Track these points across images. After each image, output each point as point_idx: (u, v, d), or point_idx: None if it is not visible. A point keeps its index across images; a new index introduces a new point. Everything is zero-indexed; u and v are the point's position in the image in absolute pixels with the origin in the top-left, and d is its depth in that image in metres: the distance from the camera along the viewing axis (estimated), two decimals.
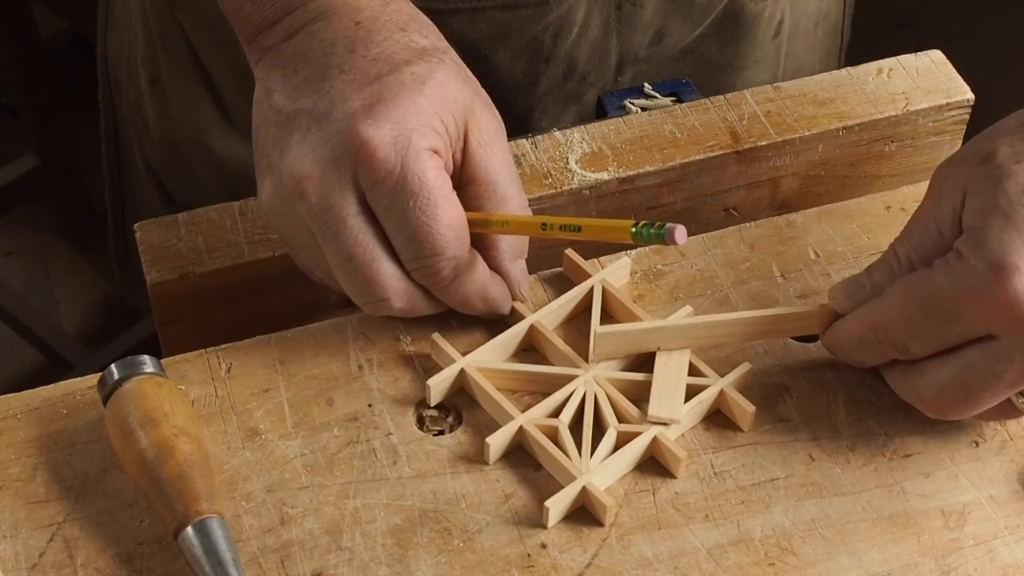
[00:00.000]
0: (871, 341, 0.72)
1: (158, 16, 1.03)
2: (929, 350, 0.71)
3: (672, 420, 0.73)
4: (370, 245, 0.72)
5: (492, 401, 0.74)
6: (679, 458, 0.72)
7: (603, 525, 0.70)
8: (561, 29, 0.96)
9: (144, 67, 1.07)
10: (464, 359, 0.75)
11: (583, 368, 0.75)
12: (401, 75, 0.72)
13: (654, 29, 0.99)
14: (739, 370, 0.75)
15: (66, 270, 2.24)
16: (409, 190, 0.70)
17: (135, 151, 1.13)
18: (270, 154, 0.73)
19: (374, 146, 0.70)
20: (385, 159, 0.70)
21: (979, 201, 0.69)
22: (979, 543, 0.71)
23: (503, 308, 0.77)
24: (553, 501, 0.70)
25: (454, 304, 0.75)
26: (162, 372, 0.73)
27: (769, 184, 0.90)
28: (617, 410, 0.74)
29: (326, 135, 0.71)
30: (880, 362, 0.74)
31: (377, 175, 0.70)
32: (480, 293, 0.75)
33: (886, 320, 0.71)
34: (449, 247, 0.72)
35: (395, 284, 0.73)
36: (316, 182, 0.71)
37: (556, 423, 0.73)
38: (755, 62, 1.06)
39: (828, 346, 0.76)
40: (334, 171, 0.71)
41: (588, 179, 0.85)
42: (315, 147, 0.71)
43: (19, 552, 0.69)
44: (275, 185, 0.73)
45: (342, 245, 0.72)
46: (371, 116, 0.70)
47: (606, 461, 0.72)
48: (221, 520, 0.67)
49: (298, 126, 0.72)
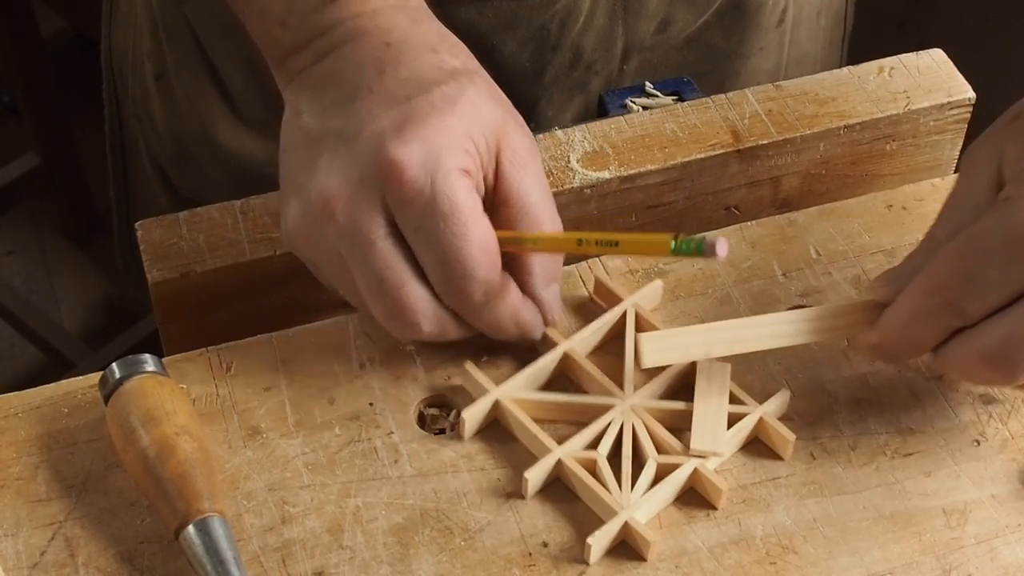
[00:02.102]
0: (926, 311, 0.69)
1: (164, 10, 1.03)
2: (989, 306, 0.68)
3: (715, 454, 0.72)
4: (399, 268, 0.70)
5: (528, 433, 0.73)
6: (720, 490, 0.71)
7: (645, 559, 0.69)
8: (568, 18, 0.96)
9: (150, 61, 1.06)
10: (498, 389, 0.74)
11: (619, 397, 0.74)
12: (431, 96, 0.70)
13: (659, 17, 1.00)
14: (778, 397, 0.74)
15: (67, 269, 2.24)
16: (439, 211, 0.69)
17: (140, 147, 1.13)
18: (298, 176, 0.72)
19: (403, 166, 0.68)
20: (414, 179, 0.69)
21: (1019, 148, 0.68)
22: (980, 542, 0.71)
23: (535, 333, 0.75)
24: (596, 537, 0.69)
25: (485, 329, 0.74)
26: (163, 371, 0.73)
27: (770, 183, 0.90)
28: (656, 441, 0.73)
29: (354, 154, 0.70)
30: (935, 338, 0.70)
31: (406, 196, 0.69)
32: (512, 317, 0.73)
33: (940, 282, 0.68)
34: (480, 269, 0.70)
35: (425, 308, 0.72)
36: (344, 202, 0.70)
37: (595, 455, 0.72)
38: (759, 50, 1.06)
39: (882, 337, 0.72)
40: (362, 191, 0.69)
41: (589, 178, 0.85)
42: (343, 167, 0.70)
43: (20, 551, 0.69)
44: (303, 206, 0.71)
45: (371, 268, 0.70)
46: (400, 136, 0.69)
47: (647, 494, 0.70)
48: (222, 519, 0.67)
49: (326, 147, 0.71)
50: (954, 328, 0.69)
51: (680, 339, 0.73)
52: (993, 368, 0.69)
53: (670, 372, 0.75)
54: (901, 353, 0.72)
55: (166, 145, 1.08)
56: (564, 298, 0.80)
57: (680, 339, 0.73)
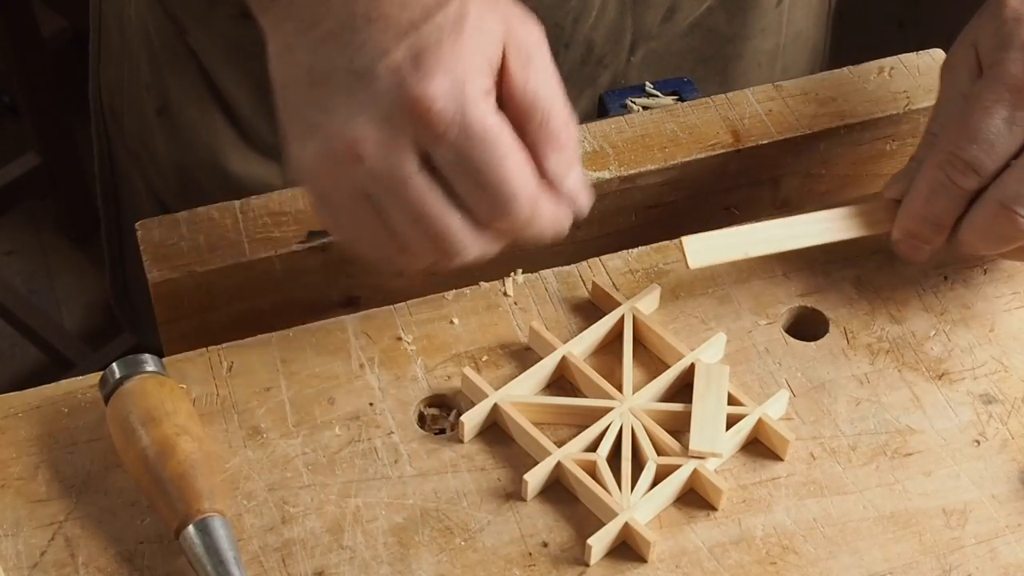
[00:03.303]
0: (942, 181, 0.75)
1: (164, 41, 1.02)
2: (1000, 157, 0.74)
3: (714, 454, 0.72)
4: (437, 201, 0.69)
5: (527, 436, 0.73)
6: (720, 490, 0.71)
7: (645, 560, 0.70)
8: (581, 14, 0.97)
9: (149, 95, 1.05)
10: (497, 393, 0.74)
11: (618, 399, 0.74)
12: (436, 19, 0.68)
13: (667, 5, 1.00)
14: (777, 398, 0.75)
15: (67, 269, 2.24)
16: (476, 138, 0.67)
17: (137, 183, 1.11)
18: (308, 115, 0.70)
19: (430, 101, 0.67)
20: (444, 111, 0.67)
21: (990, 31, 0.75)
22: (980, 542, 0.71)
23: (567, 227, 0.73)
24: (596, 538, 0.69)
25: (527, 238, 0.72)
26: (163, 371, 0.73)
27: (770, 183, 0.90)
28: (655, 442, 0.73)
29: (373, 94, 0.68)
30: (956, 210, 0.76)
31: (438, 129, 0.67)
32: (552, 221, 0.72)
33: (954, 148, 0.74)
34: (524, 187, 0.69)
35: (467, 234, 0.70)
36: (373, 144, 0.68)
37: (594, 457, 0.72)
38: (760, 31, 1.06)
39: (901, 226, 0.78)
40: (390, 131, 0.68)
41: (589, 178, 0.85)
42: (365, 108, 0.68)
43: (20, 551, 0.69)
44: (323, 148, 0.69)
45: (409, 205, 0.69)
46: (419, 70, 0.67)
47: (647, 495, 0.71)
48: (223, 519, 0.67)
49: (337, 85, 0.68)
50: (971, 193, 0.75)
51: (720, 240, 0.77)
52: (1013, 220, 0.74)
53: (669, 374, 0.75)
54: (925, 237, 0.77)
55: (170, 179, 1.07)
56: (564, 298, 0.80)
57: (720, 240, 0.77)
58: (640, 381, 0.76)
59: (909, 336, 0.79)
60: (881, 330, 0.79)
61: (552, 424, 0.75)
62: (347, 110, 0.68)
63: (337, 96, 0.68)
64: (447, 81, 0.67)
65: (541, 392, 0.76)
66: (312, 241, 0.81)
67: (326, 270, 0.82)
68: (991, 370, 0.78)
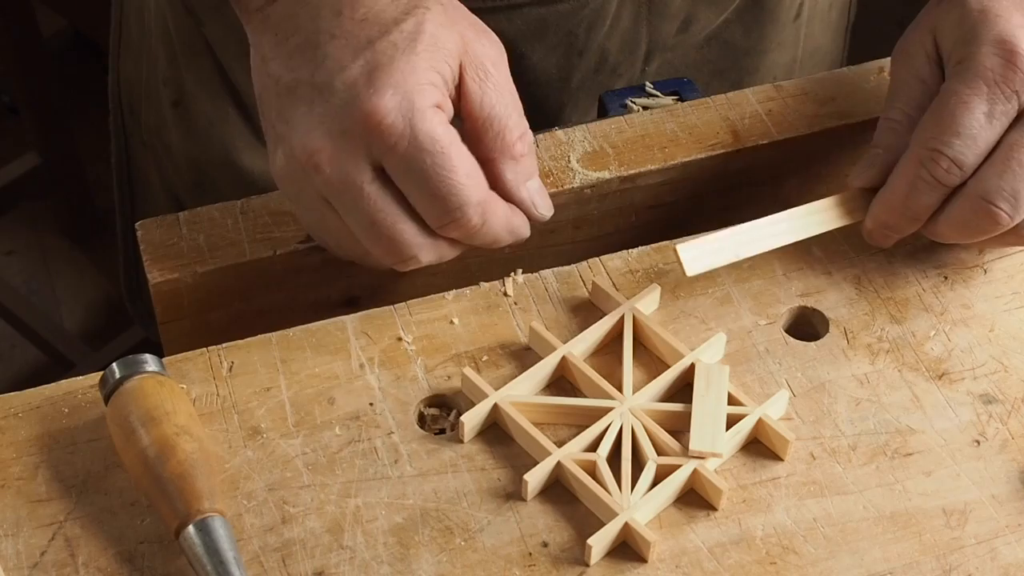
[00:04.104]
0: (924, 177, 0.76)
1: (182, 34, 1.03)
2: (980, 153, 0.75)
3: (714, 454, 0.72)
4: (390, 208, 0.73)
5: (527, 436, 0.73)
6: (720, 490, 0.71)
7: (645, 561, 0.70)
8: (595, 22, 0.97)
9: (167, 88, 1.06)
10: (496, 393, 0.74)
11: (618, 399, 0.74)
12: (392, 36, 0.72)
13: (682, 16, 1.00)
14: (777, 398, 0.75)
15: (67, 269, 2.24)
16: (424, 150, 0.71)
17: (152, 177, 1.12)
18: (276, 125, 0.75)
19: (381, 114, 0.71)
20: (393, 125, 0.71)
21: (951, 21, 0.76)
22: (980, 542, 0.71)
23: (525, 233, 0.78)
24: (596, 538, 0.69)
25: (482, 244, 0.76)
26: (163, 371, 0.73)
27: (770, 183, 0.90)
28: (655, 442, 0.73)
29: (330, 108, 0.72)
30: (934, 204, 0.77)
31: (388, 141, 0.71)
32: (506, 227, 0.76)
33: (936, 144, 0.75)
34: (473, 194, 0.73)
35: (420, 240, 0.74)
36: (329, 155, 0.72)
37: (594, 457, 0.72)
38: (777, 45, 1.07)
39: (876, 218, 0.79)
40: (345, 143, 0.72)
41: (590, 178, 0.85)
42: (323, 120, 0.72)
43: (20, 551, 0.69)
44: (287, 158, 0.74)
45: (363, 212, 0.73)
46: (372, 85, 0.71)
47: (647, 496, 0.71)
48: (223, 519, 0.67)
49: (300, 98, 0.73)
50: (952, 187, 0.76)
51: (713, 244, 0.78)
52: (993, 214, 0.75)
53: (669, 374, 0.75)
54: (900, 228, 0.79)
55: (184, 173, 1.08)
56: (564, 298, 0.80)
57: (713, 244, 0.78)
58: (640, 381, 0.76)
59: (909, 336, 0.79)
60: (881, 330, 0.79)
61: (552, 424, 0.75)
62: (307, 121, 0.73)
63: (300, 107, 0.73)
64: (397, 96, 0.71)
65: (541, 392, 0.76)
66: (312, 241, 0.81)
67: (326, 270, 0.82)
68: (991, 370, 0.78)
